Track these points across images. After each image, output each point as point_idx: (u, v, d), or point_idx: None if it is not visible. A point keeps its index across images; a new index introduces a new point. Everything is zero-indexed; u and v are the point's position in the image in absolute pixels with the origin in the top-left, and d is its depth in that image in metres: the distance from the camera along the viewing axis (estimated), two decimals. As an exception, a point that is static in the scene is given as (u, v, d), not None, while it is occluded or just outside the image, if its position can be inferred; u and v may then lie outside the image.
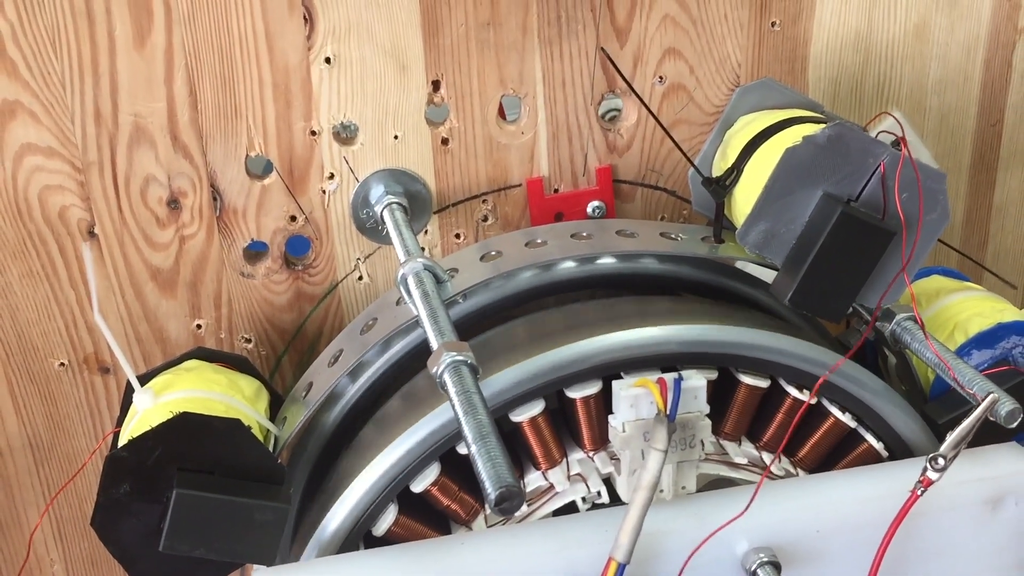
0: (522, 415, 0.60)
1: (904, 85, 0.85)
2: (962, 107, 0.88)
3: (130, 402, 0.69)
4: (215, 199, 0.75)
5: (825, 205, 0.63)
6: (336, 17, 0.72)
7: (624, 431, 0.58)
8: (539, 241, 0.69)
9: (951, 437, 0.57)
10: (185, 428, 0.60)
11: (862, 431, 0.65)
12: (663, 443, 0.55)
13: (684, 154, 0.72)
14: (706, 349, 0.61)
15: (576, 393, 0.60)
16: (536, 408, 0.60)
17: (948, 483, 0.57)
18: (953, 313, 0.73)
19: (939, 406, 0.70)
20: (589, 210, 0.81)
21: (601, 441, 0.61)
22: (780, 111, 0.71)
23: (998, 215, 0.92)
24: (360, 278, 0.80)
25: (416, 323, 0.65)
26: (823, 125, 0.67)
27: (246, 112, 0.73)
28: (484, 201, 0.80)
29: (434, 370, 0.54)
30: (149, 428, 0.60)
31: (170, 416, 0.60)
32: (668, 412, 0.56)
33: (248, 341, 0.79)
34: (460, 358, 0.54)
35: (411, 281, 0.64)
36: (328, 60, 0.73)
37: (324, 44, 0.72)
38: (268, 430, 0.67)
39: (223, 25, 0.70)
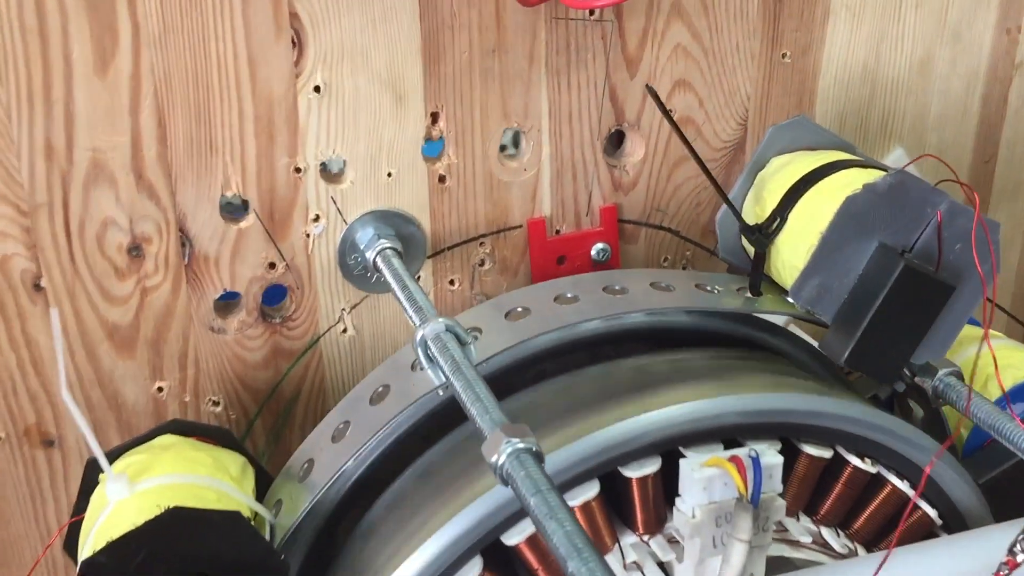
0: (575, 499, 0.53)
1: (907, 119, 0.82)
2: (960, 142, 0.85)
3: (92, 485, 0.59)
4: (184, 245, 0.65)
5: (882, 257, 0.59)
6: (328, 41, 0.63)
7: (695, 516, 0.52)
8: (569, 296, 0.62)
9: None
10: (176, 525, 0.52)
11: (920, 501, 0.60)
12: (747, 533, 0.49)
13: (725, 199, 0.65)
14: (768, 419, 0.56)
15: (633, 472, 0.54)
16: (591, 491, 0.53)
17: None
18: (983, 364, 0.69)
19: (975, 464, 0.67)
20: (594, 253, 0.75)
21: (657, 524, 0.55)
22: (816, 153, 0.67)
23: (986, 251, 0.91)
24: (344, 331, 0.71)
25: (436, 394, 0.57)
26: (872, 170, 0.62)
27: (223, 147, 0.64)
28: (482, 244, 0.72)
29: (492, 459, 0.47)
30: (133, 528, 0.51)
31: (157, 511, 0.52)
32: (750, 496, 0.50)
33: (216, 404, 0.70)
34: (522, 446, 0.46)
35: (433, 346, 0.56)
36: (317, 89, 0.64)
37: (314, 71, 0.64)
38: (263, 518, 0.59)
39: (200, 48, 0.61)
